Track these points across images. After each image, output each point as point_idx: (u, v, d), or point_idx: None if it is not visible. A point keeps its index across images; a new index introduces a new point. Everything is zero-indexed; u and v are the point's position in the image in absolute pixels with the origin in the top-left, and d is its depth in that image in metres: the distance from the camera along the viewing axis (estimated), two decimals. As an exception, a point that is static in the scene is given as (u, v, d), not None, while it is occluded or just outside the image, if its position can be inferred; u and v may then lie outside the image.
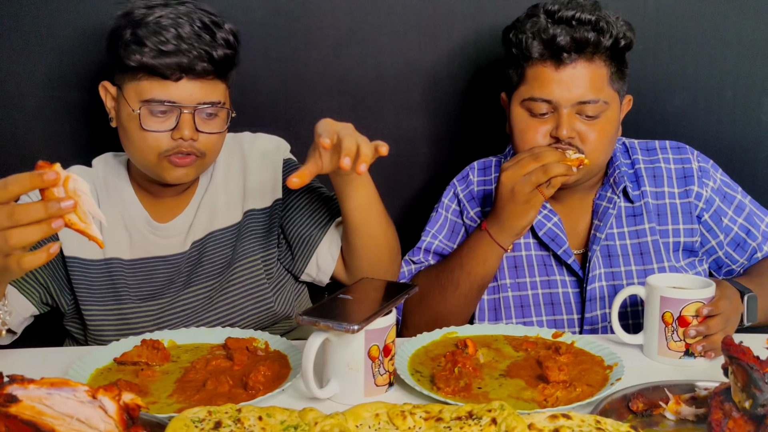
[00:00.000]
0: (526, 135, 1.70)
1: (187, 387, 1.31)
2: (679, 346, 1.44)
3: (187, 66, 1.54)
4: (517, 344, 1.50)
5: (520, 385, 1.33)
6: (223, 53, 1.59)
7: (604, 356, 1.42)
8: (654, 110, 2.17)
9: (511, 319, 1.79)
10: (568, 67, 1.65)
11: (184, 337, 1.52)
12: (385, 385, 1.31)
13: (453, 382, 1.29)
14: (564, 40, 1.62)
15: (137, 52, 1.54)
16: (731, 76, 2.16)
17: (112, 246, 1.69)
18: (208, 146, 1.62)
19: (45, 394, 0.96)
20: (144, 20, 1.56)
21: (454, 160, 2.13)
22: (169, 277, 1.71)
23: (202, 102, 1.59)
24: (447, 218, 1.89)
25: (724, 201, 1.81)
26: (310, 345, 1.24)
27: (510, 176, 1.59)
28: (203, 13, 1.60)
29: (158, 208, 1.75)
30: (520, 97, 1.71)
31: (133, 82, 1.58)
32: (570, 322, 1.78)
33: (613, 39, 1.65)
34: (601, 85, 1.67)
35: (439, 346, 1.49)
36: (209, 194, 1.77)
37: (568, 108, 1.65)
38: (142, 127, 1.57)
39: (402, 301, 1.35)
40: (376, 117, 2.13)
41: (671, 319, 1.43)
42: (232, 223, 1.77)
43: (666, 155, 1.83)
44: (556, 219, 1.79)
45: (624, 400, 1.23)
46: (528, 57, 1.67)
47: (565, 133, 1.64)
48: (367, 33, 2.09)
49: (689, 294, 1.44)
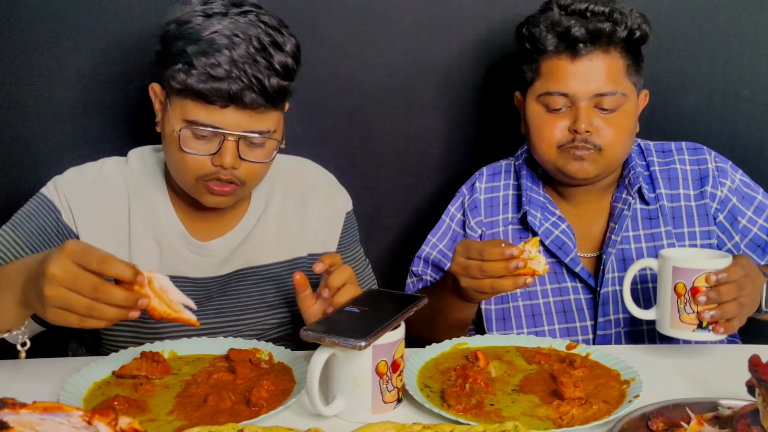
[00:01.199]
0: (544, 131, 1.67)
1: (188, 403, 1.26)
2: (692, 318, 1.39)
3: (235, 95, 1.42)
4: (529, 356, 1.45)
5: (534, 401, 1.28)
6: (277, 83, 1.44)
7: (620, 370, 1.37)
8: (668, 109, 2.12)
9: (521, 328, 1.75)
10: (584, 59, 1.62)
11: (185, 348, 1.47)
12: (394, 401, 1.26)
13: (464, 399, 1.24)
14: (579, 31, 1.60)
15: (184, 72, 1.42)
16: (748, 74, 2.11)
17: (139, 260, 1.58)
18: (249, 175, 1.51)
19: (37, 419, 0.91)
20: (198, 35, 1.43)
21: (466, 161, 2.10)
22: (197, 301, 1.62)
23: (249, 130, 1.46)
24: (450, 227, 1.85)
25: (742, 201, 1.75)
26: (315, 361, 1.19)
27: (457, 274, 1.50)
28: (264, 28, 1.46)
29: (197, 223, 1.64)
30: (536, 92, 1.68)
31: (178, 98, 1.46)
32: (583, 329, 1.73)
33: (628, 30, 1.63)
34: (617, 77, 1.64)
35: (449, 358, 1.44)
36: (262, 224, 1.67)
37: (586, 101, 1.63)
38: (182, 148, 1.47)
39: (411, 314, 1.29)
40: (386, 117, 2.08)
41: (684, 291, 1.39)
42: (278, 261, 1.68)
43: (682, 156, 1.79)
44: (564, 226, 1.74)
45: (643, 419, 1.18)
46: (542, 51, 1.65)
47: (583, 127, 1.61)
48: (377, 32, 2.04)
49: (703, 264, 1.39)
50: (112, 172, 1.63)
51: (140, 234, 1.60)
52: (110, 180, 1.62)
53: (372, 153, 2.10)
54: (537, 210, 1.76)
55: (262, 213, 1.68)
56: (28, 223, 1.55)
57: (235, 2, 1.49)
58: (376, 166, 2.11)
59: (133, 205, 1.61)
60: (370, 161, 2.10)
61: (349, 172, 1.83)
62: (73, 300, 1.15)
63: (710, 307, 1.39)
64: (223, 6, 1.48)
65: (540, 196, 1.78)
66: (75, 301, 1.15)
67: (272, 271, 1.67)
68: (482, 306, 1.77)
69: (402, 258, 2.04)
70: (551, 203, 1.78)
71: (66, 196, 1.57)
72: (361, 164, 2.08)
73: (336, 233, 1.74)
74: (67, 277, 1.14)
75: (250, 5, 1.49)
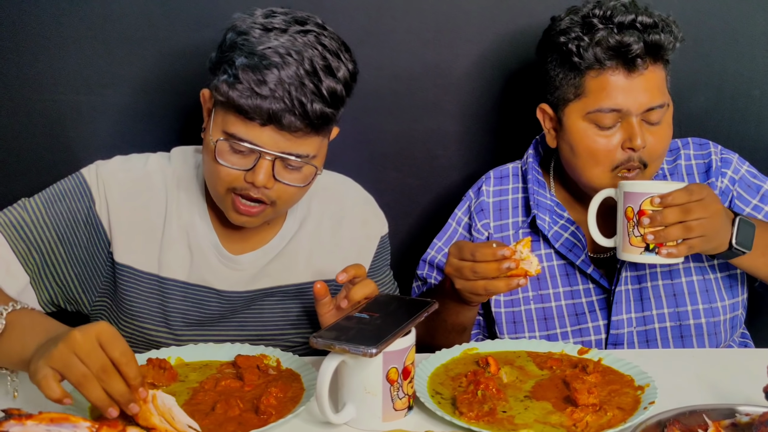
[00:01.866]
0: (599, 153, 1.61)
1: (196, 411, 1.25)
2: (639, 241, 1.42)
3: (274, 115, 1.37)
4: (541, 361, 1.43)
5: (547, 408, 1.26)
6: (320, 110, 1.40)
7: (633, 375, 1.35)
8: (678, 109, 2.06)
9: (533, 332, 1.73)
10: (640, 74, 1.58)
11: (192, 354, 1.45)
12: (405, 409, 1.24)
13: (476, 406, 1.22)
14: (638, 46, 1.56)
15: (229, 84, 1.39)
16: (759, 74, 2.09)
17: (168, 263, 1.57)
18: (282, 196, 1.47)
19: (44, 431, 0.90)
20: (251, 49, 1.39)
21: (472, 163, 2.09)
22: (221, 313, 1.61)
23: (287, 152, 1.42)
24: (457, 231, 1.84)
25: (747, 191, 1.73)
26: (325, 369, 1.17)
27: (451, 275, 1.48)
28: (321, 50, 1.41)
29: (230, 235, 1.61)
30: (584, 110, 1.62)
31: (222, 109, 1.44)
32: (596, 329, 1.72)
33: (678, 40, 1.62)
34: (663, 88, 1.63)
35: (460, 364, 1.42)
36: (294, 243, 1.64)
37: (638, 117, 1.59)
38: (217, 159, 1.43)
39: (422, 319, 1.28)
40: (391, 118, 2.06)
41: (632, 214, 1.42)
42: (306, 281, 1.65)
43: (688, 151, 1.78)
44: (573, 228, 1.73)
45: (659, 426, 1.15)
46: (590, 67, 1.59)
47: (639, 143, 1.57)
48: (383, 33, 2.02)
49: (650, 188, 1.41)
50: (155, 170, 1.60)
51: (173, 238, 1.57)
52: (152, 177, 1.59)
53: (377, 154, 2.08)
54: (545, 214, 1.74)
55: (296, 232, 1.66)
56: (61, 203, 1.53)
57: (298, 19, 1.45)
58: (381, 167, 2.09)
59: (170, 208, 1.58)
60: (375, 163, 2.09)
61: (354, 173, 1.80)
62: (74, 366, 1.09)
63: (654, 230, 1.41)
64: (284, 22, 1.43)
65: (547, 199, 1.76)
66: (75, 367, 1.09)
67: (301, 290, 1.65)
68: (493, 310, 1.75)
69: (407, 260, 2.02)
70: (559, 206, 1.76)
71: (105, 188, 1.54)
72: (366, 166, 2.06)
73: (369, 257, 1.72)
74: (84, 347, 1.10)
75: (314, 24, 1.45)
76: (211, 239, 1.59)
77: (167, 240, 1.57)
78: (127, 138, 1.95)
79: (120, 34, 1.93)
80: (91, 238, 1.53)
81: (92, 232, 1.53)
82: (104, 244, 1.54)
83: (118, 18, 1.91)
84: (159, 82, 1.97)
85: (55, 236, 1.50)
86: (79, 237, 1.52)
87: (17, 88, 1.91)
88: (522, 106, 1.85)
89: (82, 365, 1.09)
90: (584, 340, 1.71)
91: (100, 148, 1.81)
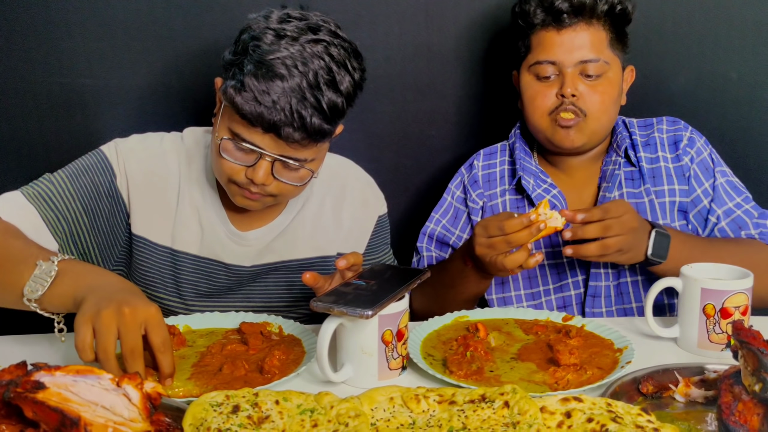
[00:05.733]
0: (536, 100, 1.80)
1: (204, 372, 1.33)
2: (721, 338, 1.41)
3: (274, 125, 1.45)
4: (527, 328, 1.52)
5: (532, 368, 1.35)
6: (318, 124, 1.47)
7: (613, 339, 1.44)
8: (659, 90, 2.17)
9: (519, 290, 1.85)
10: (568, 30, 1.76)
11: (198, 322, 1.54)
12: (399, 368, 1.33)
13: (465, 365, 1.31)
14: (563, 5, 1.75)
15: (236, 90, 1.46)
16: (737, 56, 2.16)
17: (181, 238, 1.66)
18: (280, 190, 1.56)
19: (71, 381, 0.98)
20: (261, 57, 1.45)
21: (464, 143, 2.15)
22: (228, 285, 1.70)
23: (286, 155, 1.50)
24: (452, 204, 1.95)
25: (704, 173, 1.84)
26: (325, 330, 1.25)
27: (485, 254, 1.59)
28: (328, 62, 1.47)
29: (237, 213, 1.70)
30: (528, 64, 1.82)
31: (229, 108, 1.51)
32: (575, 284, 1.84)
33: (609, 5, 1.77)
34: (600, 46, 1.78)
35: (451, 330, 1.51)
36: (298, 221, 1.74)
37: (571, 68, 1.76)
38: (221, 153, 1.52)
39: (414, 286, 1.36)
40: (384, 100, 2.12)
41: (713, 311, 1.41)
42: (309, 257, 1.75)
43: (661, 126, 1.90)
44: (556, 191, 1.85)
45: (634, 382, 1.25)
46: (532, 25, 1.80)
47: (569, 91, 1.75)
48: (374, 16, 2.08)
49: (731, 285, 1.41)
50: (170, 149, 1.69)
51: (186, 214, 1.66)
52: (167, 156, 1.68)
53: (371, 136, 2.15)
54: (530, 177, 1.87)
55: (300, 210, 1.75)
56: (85, 177, 1.60)
57: (312, 26, 1.49)
58: (375, 148, 2.16)
59: (183, 186, 1.67)
60: (370, 144, 2.15)
61: (349, 155, 1.87)
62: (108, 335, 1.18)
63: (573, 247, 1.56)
64: (297, 29, 1.48)
65: (532, 166, 1.90)
66: (108, 336, 1.18)
67: (303, 266, 1.74)
68: None
69: (403, 239, 2.10)
70: (543, 173, 1.89)
71: (125, 163, 1.63)
72: (361, 147, 2.12)
73: (366, 235, 1.81)
74: (128, 325, 1.18)
75: (327, 32, 1.50)
76: (220, 216, 1.68)
77: (180, 216, 1.66)
78: (143, 120, 2.02)
79: (135, 19, 2.00)
80: (112, 210, 1.61)
81: (113, 204, 1.61)
82: (123, 216, 1.63)
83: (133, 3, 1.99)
84: (173, 66, 2.04)
85: (80, 207, 1.57)
86: (102, 208, 1.60)
87: (41, 72, 2.00)
88: (513, 88, 1.93)
89: (114, 338, 1.18)
90: (564, 295, 1.83)
91: (116, 130, 1.89)
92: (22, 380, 0.95)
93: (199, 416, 1.09)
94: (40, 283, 1.29)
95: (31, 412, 0.93)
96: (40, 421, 0.93)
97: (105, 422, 0.94)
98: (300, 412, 1.13)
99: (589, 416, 1.09)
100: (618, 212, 1.55)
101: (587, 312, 1.82)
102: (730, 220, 1.79)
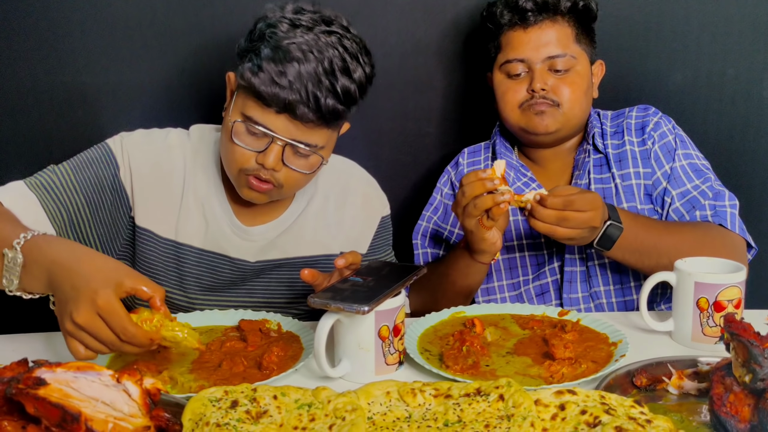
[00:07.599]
0: (507, 96, 1.87)
1: (204, 368, 1.35)
2: (715, 331, 1.42)
3: (289, 105, 1.48)
4: (523, 323, 1.54)
5: (527, 362, 1.37)
6: (332, 105, 1.50)
7: (608, 333, 1.45)
8: (656, 87, 2.18)
9: (501, 281, 1.92)
10: (535, 28, 1.83)
11: (198, 320, 1.56)
12: (395, 363, 1.34)
13: (461, 360, 1.33)
14: (527, 3, 1.82)
15: (253, 72, 1.49)
16: (733, 53, 2.18)
17: (185, 231, 1.68)
18: (288, 180, 1.58)
19: (71, 377, 1.00)
20: (277, 43, 1.49)
21: (462, 138, 2.17)
22: (232, 280, 1.72)
23: (297, 140, 1.53)
24: (441, 201, 2.00)
25: (666, 155, 1.87)
26: (322, 326, 1.27)
27: (458, 214, 1.63)
28: (341, 52, 1.51)
29: (243, 208, 1.72)
30: (498, 64, 1.89)
31: (243, 93, 1.55)
32: (552, 271, 1.89)
33: (572, 2, 1.84)
34: (566, 42, 1.84)
35: (447, 325, 1.53)
36: (302, 219, 1.76)
37: (540, 64, 1.83)
38: (233, 138, 1.55)
39: (410, 282, 1.38)
40: (382, 96, 2.13)
41: (707, 305, 1.43)
42: (312, 254, 1.76)
43: (632, 113, 1.95)
44: (535, 185, 1.91)
45: (628, 375, 1.27)
46: (500, 26, 1.88)
47: (538, 86, 1.81)
48: (373, 11, 2.10)
49: (724, 279, 1.43)
50: (175, 144, 1.71)
51: (190, 208, 1.68)
52: (172, 151, 1.70)
53: (370, 131, 2.16)
54: (511, 170, 1.93)
55: (304, 208, 1.77)
56: (88, 169, 1.62)
57: (325, 19, 1.55)
58: (373, 144, 2.18)
59: (188, 180, 1.69)
60: (368, 140, 2.17)
61: (347, 152, 1.89)
62: (87, 340, 1.21)
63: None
64: (312, 20, 1.53)
65: (513, 161, 1.95)
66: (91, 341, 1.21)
67: (307, 263, 1.76)
68: None
69: (400, 235, 2.11)
70: (524, 167, 1.94)
71: (129, 156, 1.65)
72: (359, 143, 2.13)
73: (368, 236, 1.83)
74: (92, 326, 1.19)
75: (339, 26, 1.55)
76: (225, 210, 1.70)
77: (184, 209, 1.67)
78: (144, 117, 2.04)
79: (136, 17, 2.02)
80: (114, 203, 1.63)
81: (116, 197, 1.63)
82: (127, 208, 1.65)
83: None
84: (174, 63, 2.06)
85: (82, 199, 1.59)
86: (104, 201, 1.62)
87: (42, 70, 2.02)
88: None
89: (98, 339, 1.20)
90: (542, 282, 1.88)
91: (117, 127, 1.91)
92: (23, 377, 0.97)
93: (198, 411, 1.11)
94: (13, 274, 1.28)
95: (32, 408, 0.95)
96: (41, 417, 0.94)
97: (105, 418, 0.96)
98: (297, 407, 1.14)
99: (582, 408, 1.10)
100: (583, 207, 1.55)
101: (564, 298, 1.86)
102: (685, 201, 1.82)
